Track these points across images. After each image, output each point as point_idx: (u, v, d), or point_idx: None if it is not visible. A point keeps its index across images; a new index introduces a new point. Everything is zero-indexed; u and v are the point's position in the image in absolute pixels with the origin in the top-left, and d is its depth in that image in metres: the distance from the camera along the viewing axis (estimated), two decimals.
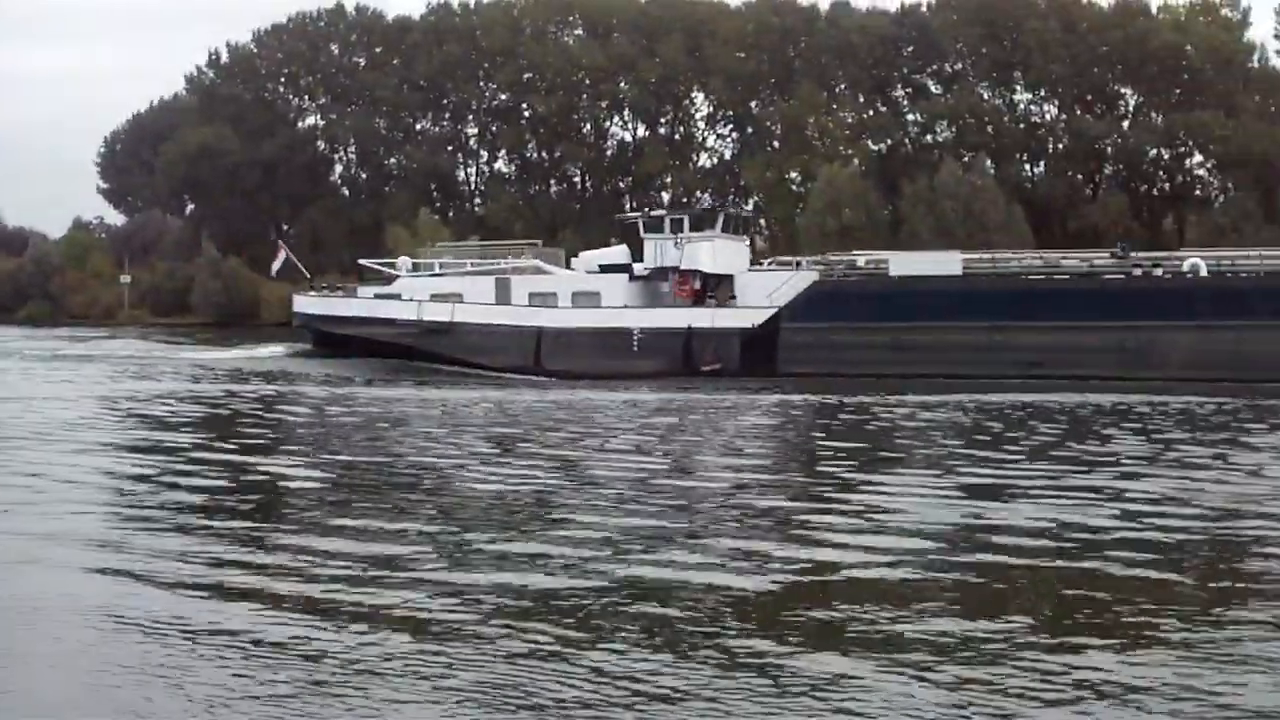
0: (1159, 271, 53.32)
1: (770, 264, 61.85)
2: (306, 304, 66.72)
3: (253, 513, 19.92)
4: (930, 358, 50.97)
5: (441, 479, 23.47)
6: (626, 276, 58.48)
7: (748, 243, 61.57)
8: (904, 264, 55.66)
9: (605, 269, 59.57)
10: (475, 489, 22.28)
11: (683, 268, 56.88)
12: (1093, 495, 21.11)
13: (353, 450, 27.74)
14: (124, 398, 40.95)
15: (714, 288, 57.29)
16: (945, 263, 55.59)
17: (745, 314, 55.15)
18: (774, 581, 14.97)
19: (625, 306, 57.17)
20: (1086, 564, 15.84)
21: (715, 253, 57.10)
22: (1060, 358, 49.99)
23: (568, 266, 63.28)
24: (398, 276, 64.06)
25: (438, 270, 63.94)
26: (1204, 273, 52.32)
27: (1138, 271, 53.29)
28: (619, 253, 61.84)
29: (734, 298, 56.81)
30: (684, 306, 56.31)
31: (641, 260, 58.89)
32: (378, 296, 62.60)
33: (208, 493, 21.89)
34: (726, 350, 53.91)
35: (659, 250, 57.57)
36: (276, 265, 71.73)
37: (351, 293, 65.99)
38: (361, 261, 71.44)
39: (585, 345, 54.51)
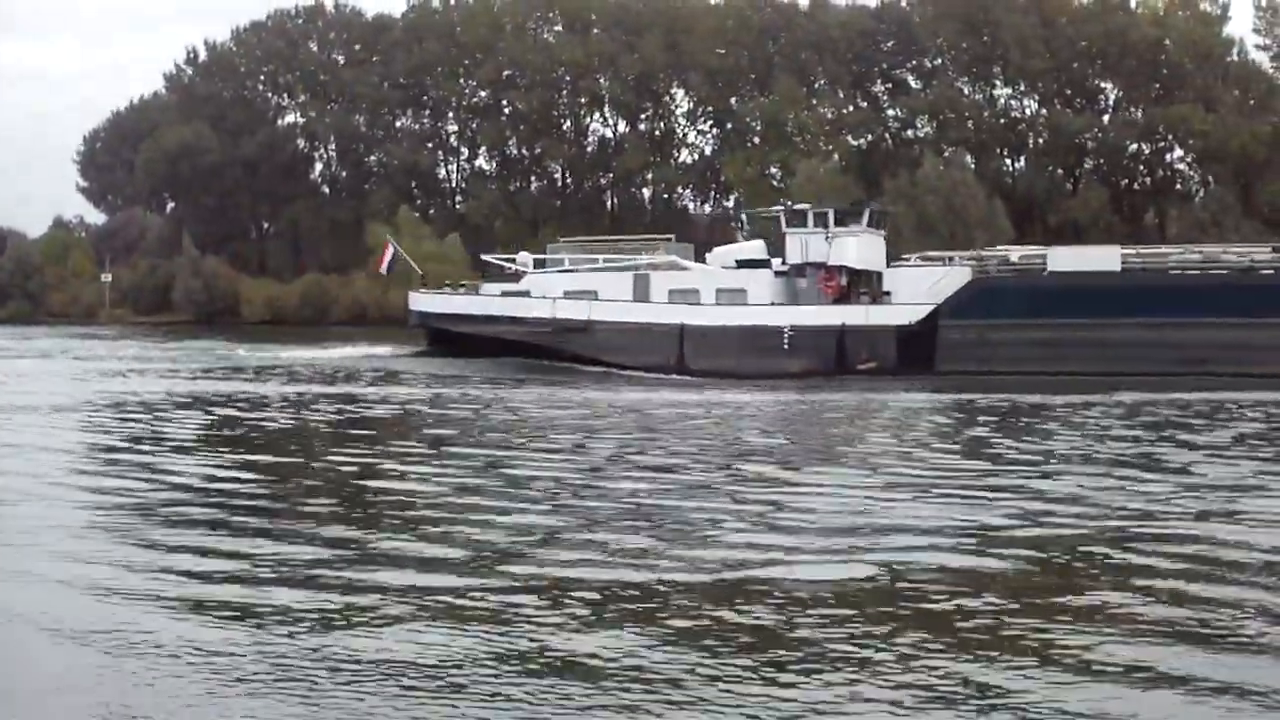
0: None
1: (915, 259, 58.77)
2: (426, 302, 63.77)
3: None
4: (1091, 355, 49.33)
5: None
6: (771, 272, 56.08)
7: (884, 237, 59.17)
8: (1062, 259, 53.50)
9: (743, 264, 57.17)
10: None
11: (830, 263, 54.48)
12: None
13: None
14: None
15: (859, 284, 55.09)
16: (1104, 258, 53.53)
17: (902, 311, 52.87)
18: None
19: (771, 303, 54.87)
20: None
21: (862, 248, 55.05)
22: (1228, 355, 48.12)
23: (699, 261, 60.61)
24: (524, 273, 61.44)
25: (567, 266, 61.23)
26: None
27: None
28: (756, 248, 59.41)
29: (888, 294, 54.61)
30: (829, 303, 54.04)
31: (777, 256, 56.67)
32: (505, 294, 60.15)
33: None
34: (882, 348, 51.72)
35: (804, 245, 55.07)
36: (385, 261, 68.98)
37: (474, 290, 63.26)
38: (484, 257, 68.85)
39: (732, 344, 52.59)
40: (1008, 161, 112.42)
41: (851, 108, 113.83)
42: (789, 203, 61.71)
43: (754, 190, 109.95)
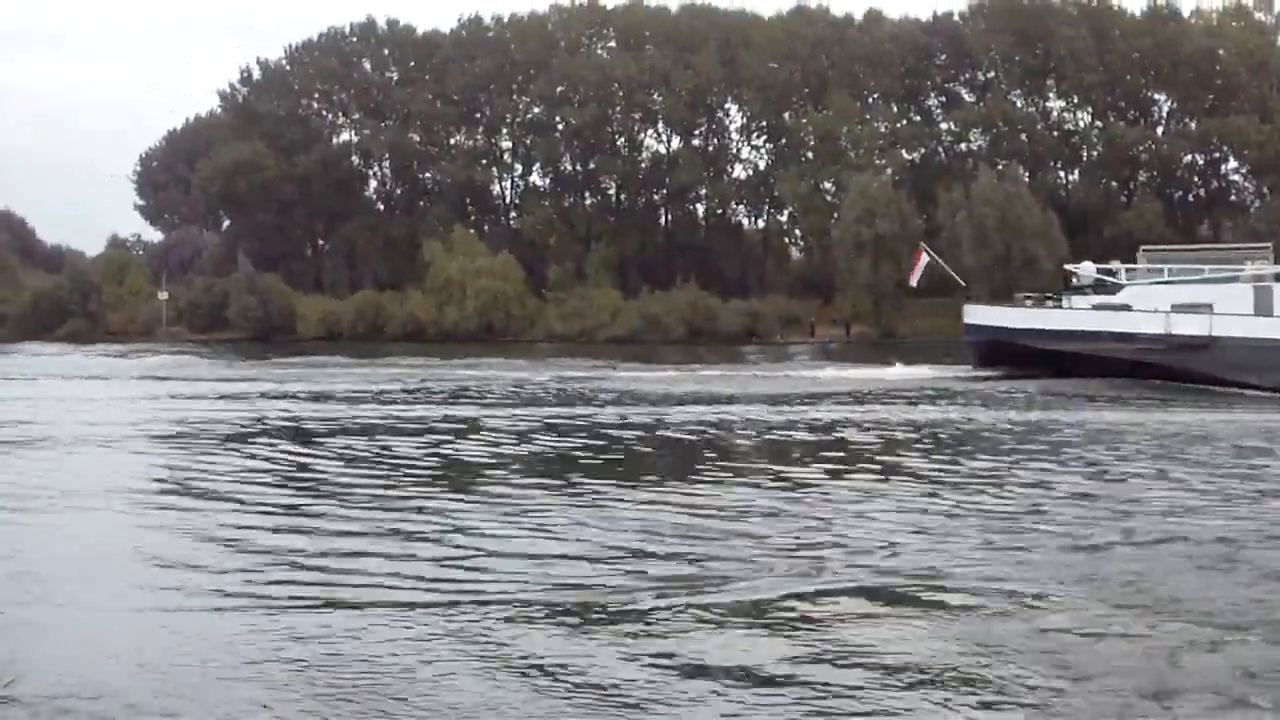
0: None
1: None
2: (996, 316, 58.98)
3: None
4: None
5: None
6: None
7: None
8: None
9: None
10: None
11: None
12: None
13: None
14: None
15: None
16: None
17: None
18: None
19: None
20: None
21: None
22: None
23: None
24: (1120, 286, 56.37)
25: (1167, 277, 56.08)
26: None
27: None
28: None
29: None
30: None
31: None
32: (1096, 308, 55.63)
33: None
34: None
35: None
36: (917, 273, 63.74)
37: (1056, 304, 58.28)
38: (1068, 268, 62.97)
39: None
40: (1062, 174, 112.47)
41: (905, 121, 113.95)
42: None
43: (807, 205, 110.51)
